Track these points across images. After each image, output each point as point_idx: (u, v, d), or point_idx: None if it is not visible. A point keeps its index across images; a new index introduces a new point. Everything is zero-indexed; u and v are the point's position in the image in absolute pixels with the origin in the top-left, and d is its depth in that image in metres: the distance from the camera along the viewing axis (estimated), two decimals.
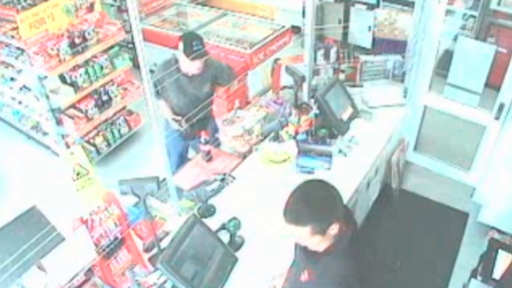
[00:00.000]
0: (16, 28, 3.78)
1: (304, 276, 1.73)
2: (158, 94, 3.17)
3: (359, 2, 5.46)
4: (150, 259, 2.36)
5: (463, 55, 3.69)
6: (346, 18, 5.54)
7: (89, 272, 2.14)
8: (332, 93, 3.20)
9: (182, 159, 3.57)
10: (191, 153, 3.66)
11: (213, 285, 2.17)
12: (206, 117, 3.26)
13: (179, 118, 3.19)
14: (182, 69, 3.10)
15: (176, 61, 3.12)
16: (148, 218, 2.20)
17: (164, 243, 2.30)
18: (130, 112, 4.74)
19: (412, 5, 3.44)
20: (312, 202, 1.60)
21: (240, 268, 2.31)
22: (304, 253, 1.74)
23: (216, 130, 3.39)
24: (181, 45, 3.01)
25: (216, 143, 3.28)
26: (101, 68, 4.15)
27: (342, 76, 3.72)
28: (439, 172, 4.07)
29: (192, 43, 2.98)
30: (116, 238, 2.19)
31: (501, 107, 3.40)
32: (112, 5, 5.95)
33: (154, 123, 2.32)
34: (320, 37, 4.21)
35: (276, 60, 4.06)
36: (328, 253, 1.64)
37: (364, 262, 1.71)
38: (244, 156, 3.13)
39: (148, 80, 2.19)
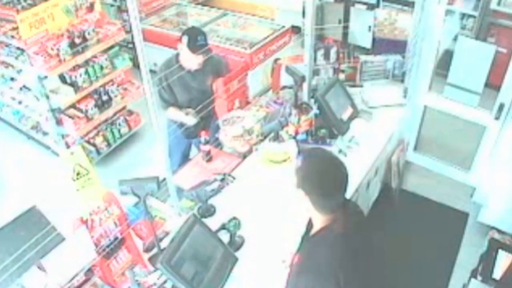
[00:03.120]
0: (16, 28, 3.78)
1: (295, 258, 1.78)
2: (165, 102, 3.17)
3: (359, 2, 5.47)
4: (150, 259, 2.36)
5: (463, 55, 3.69)
6: (346, 18, 5.54)
7: (89, 272, 2.14)
8: (332, 93, 3.20)
9: (184, 158, 3.57)
10: (194, 151, 3.66)
11: (213, 285, 2.17)
12: (209, 115, 3.26)
13: (190, 110, 3.18)
14: (184, 64, 3.10)
15: (177, 59, 3.12)
16: (148, 218, 2.20)
17: (164, 243, 2.30)
18: (130, 112, 4.74)
19: (412, 5, 3.44)
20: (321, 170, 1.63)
21: (240, 268, 2.31)
22: (302, 238, 1.81)
23: (217, 130, 3.39)
24: (185, 40, 3.00)
25: (217, 143, 3.28)
26: (101, 68, 4.15)
27: (342, 76, 3.72)
28: (439, 172, 4.07)
29: (197, 37, 2.99)
30: (116, 238, 2.19)
31: (501, 107, 3.40)
32: (112, 5, 5.95)
33: (154, 123, 2.32)
34: (320, 37, 4.21)
35: (276, 60, 4.06)
36: (316, 240, 1.68)
37: (364, 255, 1.72)
38: (244, 156, 3.13)
39: (148, 80, 2.19)
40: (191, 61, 3.07)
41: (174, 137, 3.25)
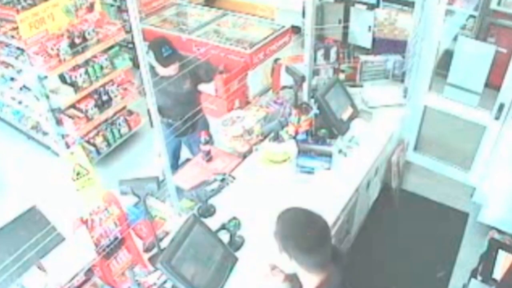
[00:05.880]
0: (16, 28, 3.78)
1: None
2: None
3: (359, 2, 5.47)
4: (150, 259, 2.36)
5: (463, 55, 3.69)
6: (346, 18, 5.55)
7: (89, 272, 2.15)
8: (332, 93, 3.20)
9: (175, 157, 3.59)
10: (184, 149, 3.68)
11: (213, 285, 2.17)
12: (197, 114, 3.25)
13: None
14: (160, 73, 3.10)
15: (152, 67, 3.11)
16: (148, 218, 2.20)
17: (164, 243, 2.30)
18: (130, 112, 4.74)
19: (412, 5, 3.44)
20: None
21: (240, 268, 2.31)
22: None
23: (206, 126, 3.39)
24: (151, 54, 3.01)
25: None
26: (101, 68, 4.15)
27: (342, 76, 3.72)
28: (439, 172, 4.07)
29: (161, 49, 3.00)
30: (116, 238, 2.19)
31: (501, 107, 3.40)
32: (112, 5, 5.95)
33: (154, 123, 2.32)
34: (320, 37, 4.20)
35: (276, 60, 4.06)
36: None
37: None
38: (244, 156, 3.13)
39: (148, 80, 2.19)
40: (166, 71, 3.09)
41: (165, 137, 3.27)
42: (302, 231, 1.55)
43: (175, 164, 3.57)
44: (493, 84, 3.57)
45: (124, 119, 4.64)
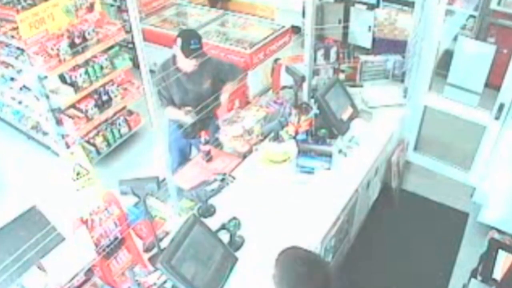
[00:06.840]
0: (16, 28, 3.79)
1: None
2: (162, 100, 3.18)
3: (359, 2, 5.48)
4: (150, 259, 2.36)
5: (463, 55, 3.69)
6: (346, 18, 5.55)
7: (89, 272, 2.14)
8: (332, 93, 3.20)
9: (183, 157, 3.57)
10: (194, 152, 3.66)
11: (213, 285, 2.17)
12: (208, 117, 3.26)
13: (189, 108, 3.15)
14: (179, 65, 3.11)
15: (174, 61, 3.13)
16: (148, 218, 2.20)
17: (164, 243, 2.30)
18: (130, 112, 4.74)
19: (412, 5, 3.44)
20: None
21: (240, 268, 2.31)
22: None
23: (217, 130, 3.39)
24: (179, 42, 3.01)
25: (217, 143, 3.28)
26: (101, 68, 4.15)
27: (342, 76, 3.72)
28: (439, 172, 4.07)
29: (190, 41, 3.00)
30: (116, 238, 2.19)
31: (501, 107, 3.40)
32: (112, 5, 5.96)
33: (154, 123, 2.32)
34: (320, 37, 4.20)
35: (276, 60, 4.06)
36: None
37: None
38: (244, 156, 3.13)
39: (148, 80, 2.19)
40: (185, 63, 3.08)
41: (173, 136, 3.26)
42: (303, 281, 1.43)
43: (183, 163, 3.54)
44: (493, 84, 3.57)
45: (124, 119, 4.64)
